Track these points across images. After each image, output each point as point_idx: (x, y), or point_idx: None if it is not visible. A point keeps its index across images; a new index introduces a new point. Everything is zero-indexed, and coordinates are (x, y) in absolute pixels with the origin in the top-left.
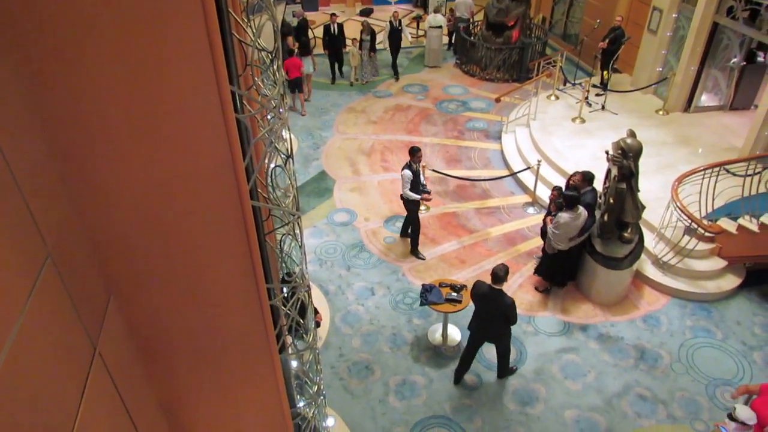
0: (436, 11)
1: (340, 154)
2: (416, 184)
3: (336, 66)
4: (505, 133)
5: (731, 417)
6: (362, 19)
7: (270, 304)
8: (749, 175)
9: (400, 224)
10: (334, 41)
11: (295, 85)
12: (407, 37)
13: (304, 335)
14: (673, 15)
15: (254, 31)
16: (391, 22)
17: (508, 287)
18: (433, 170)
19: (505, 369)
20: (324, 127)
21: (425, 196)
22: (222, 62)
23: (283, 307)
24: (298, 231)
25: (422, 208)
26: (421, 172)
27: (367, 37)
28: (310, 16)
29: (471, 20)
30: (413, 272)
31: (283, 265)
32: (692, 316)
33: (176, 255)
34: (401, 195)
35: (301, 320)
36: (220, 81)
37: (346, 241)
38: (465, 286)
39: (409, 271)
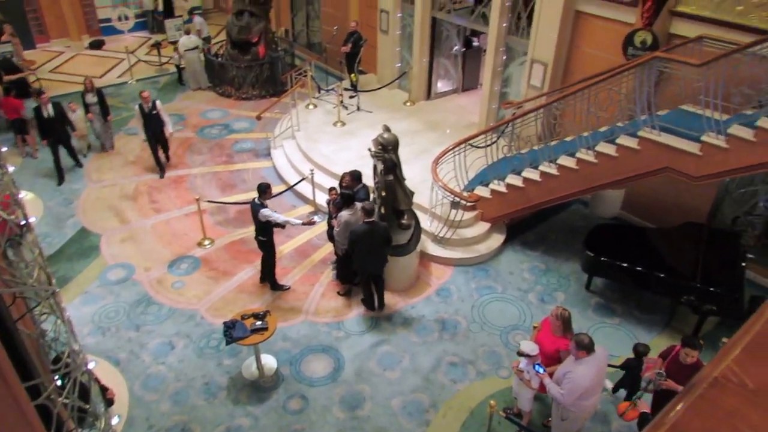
0: (187, 33)
1: (101, 205)
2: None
3: (62, 156)
4: (273, 148)
5: (519, 353)
6: (84, 76)
7: (37, 403)
8: (488, 146)
9: (185, 266)
10: (52, 126)
11: (19, 127)
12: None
13: (95, 422)
14: (398, 15)
15: None
16: (141, 106)
17: (311, 299)
18: (209, 201)
19: (382, 299)
20: (73, 179)
21: (310, 219)
22: None
23: (58, 399)
24: (57, 305)
25: (207, 243)
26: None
27: (94, 98)
28: (28, 55)
29: (210, 41)
30: (212, 312)
31: (49, 349)
32: (475, 279)
33: None
34: (257, 236)
35: (86, 405)
36: None
37: (128, 299)
38: (268, 311)
39: (206, 312)
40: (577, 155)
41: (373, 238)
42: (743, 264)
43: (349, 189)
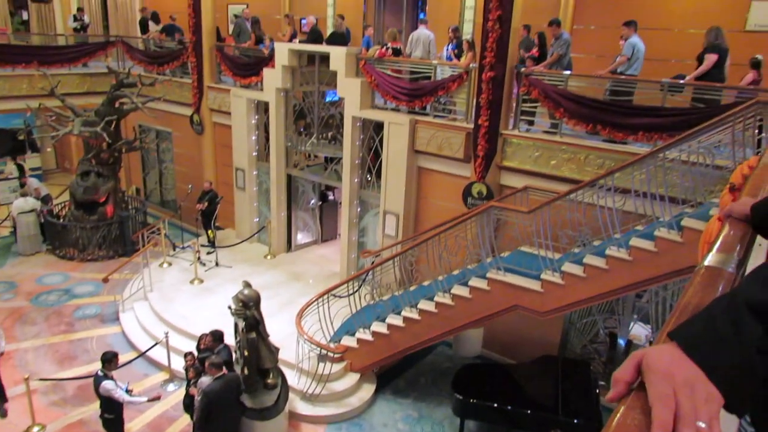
0: (24, 195)
1: None
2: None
3: None
4: (122, 312)
5: None
6: None
7: None
8: (351, 294)
9: None
10: None
11: None
12: None
13: None
14: (254, 173)
15: None
16: None
17: None
18: (41, 379)
19: None
20: None
21: (155, 395)
22: None
23: None
24: None
25: (36, 430)
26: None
27: None
28: None
29: (50, 201)
30: None
31: None
32: None
33: None
34: (102, 415)
35: None
36: None
37: None
38: None
39: None
40: (435, 299)
41: (229, 394)
42: (597, 391)
43: (210, 350)
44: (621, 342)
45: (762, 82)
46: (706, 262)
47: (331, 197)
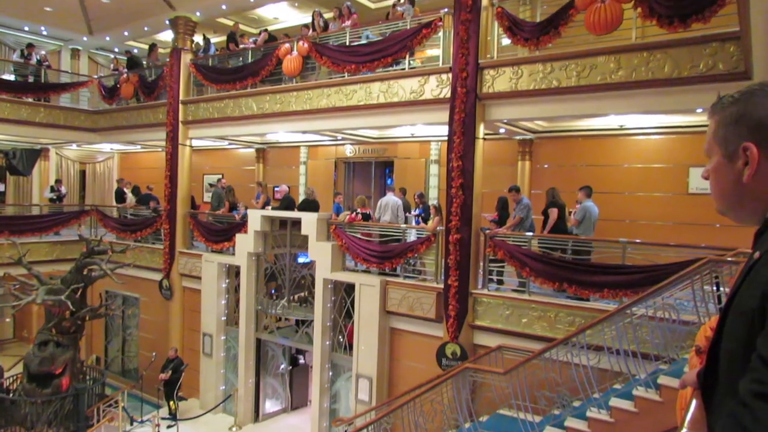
0: None
1: None
2: None
3: None
4: None
5: None
6: None
7: None
8: None
9: None
10: None
11: None
12: None
13: None
14: (222, 337)
15: None
16: None
17: None
18: None
19: None
20: None
21: None
22: None
23: None
24: None
25: None
26: None
27: None
28: None
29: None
30: None
31: None
32: None
33: None
34: None
35: None
36: None
37: None
38: None
39: None
40: None
41: None
42: None
43: None
44: None
45: None
46: None
47: (302, 361)
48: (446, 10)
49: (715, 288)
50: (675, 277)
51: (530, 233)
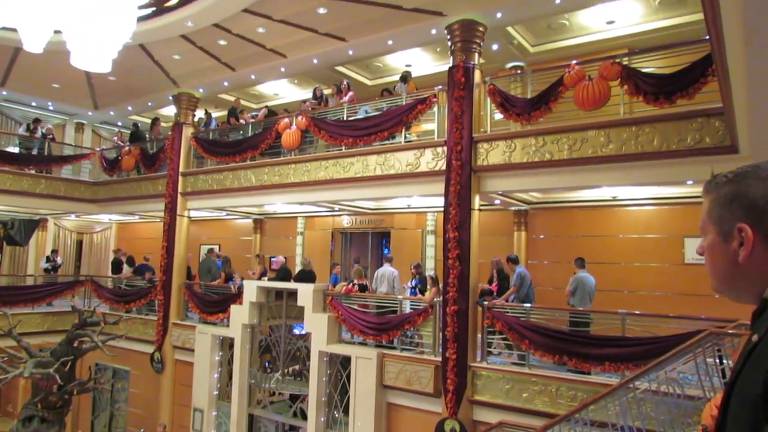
0: None
1: None
2: None
3: None
4: None
5: None
6: None
7: None
8: None
9: None
10: None
11: None
12: None
13: None
14: (213, 413)
15: None
16: None
17: None
18: None
19: None
20: None
21: None
22: None
23: None
24: None
25: None
26: None
27: None
28: None
29: None
30: None
31: None
32: None
33: None
34: None
35: None
36: None
37: None
38: None
39: None
40: None
41: None
42: None
43: None
44: None
45: None
46: None
47: None
48: (440, 87)
49: (718, 361)
50: (677, 350)
51: (528, 304)
